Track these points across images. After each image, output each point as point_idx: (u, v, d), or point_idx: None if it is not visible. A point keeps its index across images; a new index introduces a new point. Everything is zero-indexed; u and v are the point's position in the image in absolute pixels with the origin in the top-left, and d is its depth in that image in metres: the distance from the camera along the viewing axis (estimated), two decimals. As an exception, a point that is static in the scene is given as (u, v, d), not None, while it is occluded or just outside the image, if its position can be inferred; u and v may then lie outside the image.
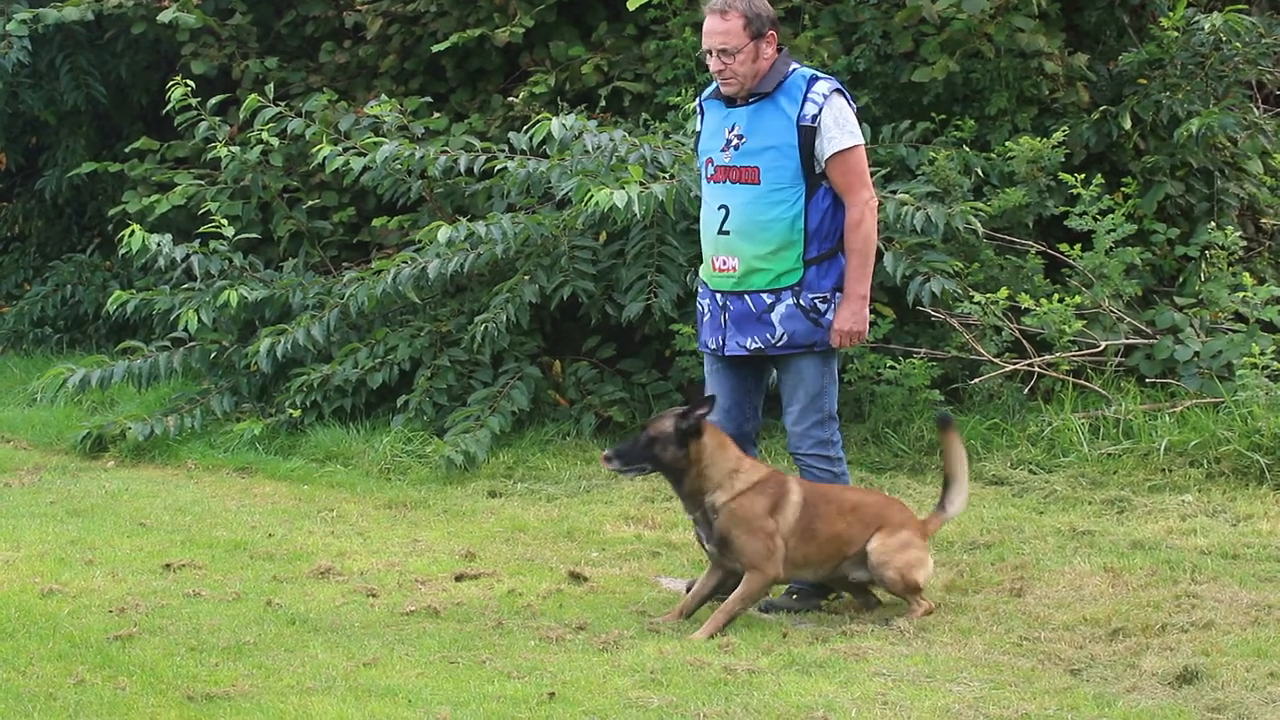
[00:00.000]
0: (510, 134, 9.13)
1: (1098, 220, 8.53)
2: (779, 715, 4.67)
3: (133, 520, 7.24)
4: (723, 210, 5.88)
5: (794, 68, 5.86)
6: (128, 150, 10.95)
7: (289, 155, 10.00)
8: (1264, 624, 5.47)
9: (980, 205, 8.39)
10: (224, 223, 9.29)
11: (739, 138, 5.84)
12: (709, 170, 5.96)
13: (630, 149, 8.42)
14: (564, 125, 8.54)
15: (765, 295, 5.84)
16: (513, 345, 8.68)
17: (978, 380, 8.31)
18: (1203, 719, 4.66)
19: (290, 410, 8.77)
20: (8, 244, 13.03)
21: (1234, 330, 8.35)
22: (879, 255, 7.71)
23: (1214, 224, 9.02)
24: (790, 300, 5.82)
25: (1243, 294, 8.41)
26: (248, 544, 6.77)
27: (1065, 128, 8.85)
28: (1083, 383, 8.31)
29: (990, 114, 9.00)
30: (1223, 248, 8.72)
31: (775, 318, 5.83)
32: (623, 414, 8.60)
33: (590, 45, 10.06)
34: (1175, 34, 8.92)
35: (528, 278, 8.51)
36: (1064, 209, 8.74)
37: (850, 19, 9.30)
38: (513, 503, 7.60)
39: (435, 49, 10.01)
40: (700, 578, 5.80)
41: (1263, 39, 9.04)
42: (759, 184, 5.79)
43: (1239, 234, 8.87)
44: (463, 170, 8.88)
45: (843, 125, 5.77)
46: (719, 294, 5.96)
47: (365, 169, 9.06)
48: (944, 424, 5.99)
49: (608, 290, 8.62)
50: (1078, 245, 8.56)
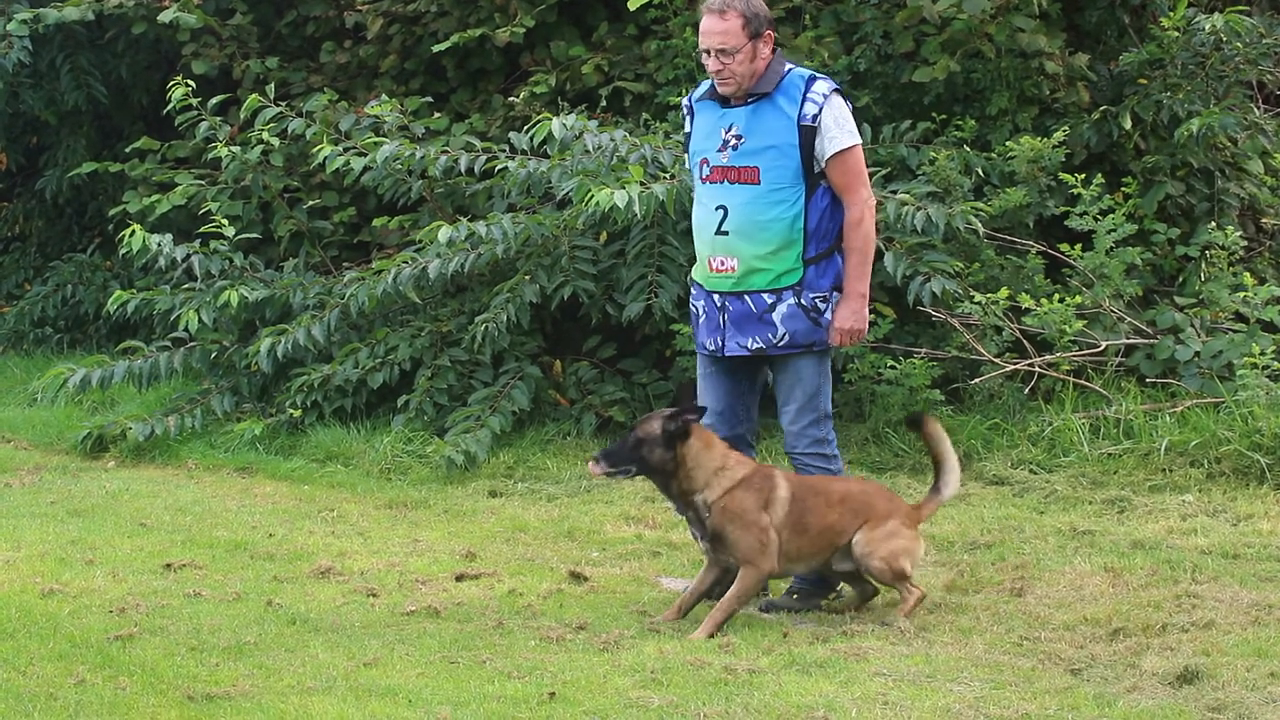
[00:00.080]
0: (511, 134, 9.13)
1: (1098, 220, 8.52)
2: (779, 715, 4.67)
3: (133, 520, 7.24)
4: (720, 210, 5.86)
5: (789, 68, 5.87)
6: (128, 150, 10.94)
7: (289, 155, 10.00)
8: (1264, 624, 5.48)
9: (981, 205, 8.38)
10: (224, 223, 9.29)
11: (737, 138, 5.83)
12: (704, 171, 5.93)
13: (631, 149, 8.42)
14: (564, 125, 8.54)
15: (766, 295, 5.83)
16: (513, 345, 8.68)
17: (978, 380, 8.31)
18: (1203, 719, 4.65)
19: (291, 410, 8.77)
20: (8, 244, 13.03)
21: (1234, 330, 8.35)
22: (879, 255, 7.71)
23: (1214, 224, 9.02)
24: (791, 300, 5.82)
25: (1243, 294, 8.41)
26: (248, 544, 6.77)
27: (1066, 128, 8.85)
28: (1083, 383, 8.31)
29: (991, 114, 9.00)
30: (1223, 248, 8.71)
31: (777, 317, 5.83)
32: (623, 414, 8.59)
33: (591, 45, 10.05)
34: (1176, 34, 8.92)
35: (528, 278, 8.51)
36: (1064, 209, 8.74)
37: (851, 19, 9.30)
38: (513, 503, 7.60)
39: (436, 49, 10.00)
40: (698, 575, 5.80)
41: (1263, 39, 9.04)
42: (759, 184, 5.78)
43: (1239, 234, 8.86)
44: (463, 170, 8.88)
45: (842, 125, 5.79)
46: (716, 295, 5.94)
47: (366, 169, 9.06)
48: (914, 423, 6.05)
49: (608, 290, 8.61)
50: (1078, 245, 8.56)
